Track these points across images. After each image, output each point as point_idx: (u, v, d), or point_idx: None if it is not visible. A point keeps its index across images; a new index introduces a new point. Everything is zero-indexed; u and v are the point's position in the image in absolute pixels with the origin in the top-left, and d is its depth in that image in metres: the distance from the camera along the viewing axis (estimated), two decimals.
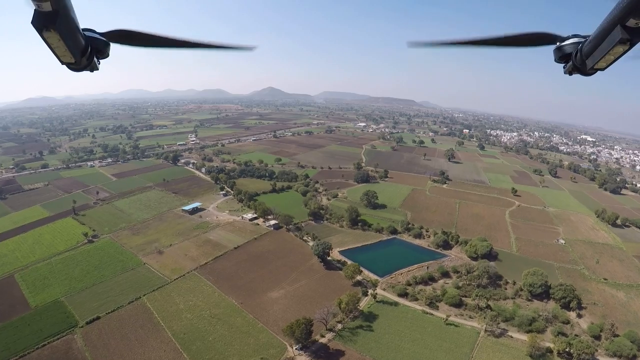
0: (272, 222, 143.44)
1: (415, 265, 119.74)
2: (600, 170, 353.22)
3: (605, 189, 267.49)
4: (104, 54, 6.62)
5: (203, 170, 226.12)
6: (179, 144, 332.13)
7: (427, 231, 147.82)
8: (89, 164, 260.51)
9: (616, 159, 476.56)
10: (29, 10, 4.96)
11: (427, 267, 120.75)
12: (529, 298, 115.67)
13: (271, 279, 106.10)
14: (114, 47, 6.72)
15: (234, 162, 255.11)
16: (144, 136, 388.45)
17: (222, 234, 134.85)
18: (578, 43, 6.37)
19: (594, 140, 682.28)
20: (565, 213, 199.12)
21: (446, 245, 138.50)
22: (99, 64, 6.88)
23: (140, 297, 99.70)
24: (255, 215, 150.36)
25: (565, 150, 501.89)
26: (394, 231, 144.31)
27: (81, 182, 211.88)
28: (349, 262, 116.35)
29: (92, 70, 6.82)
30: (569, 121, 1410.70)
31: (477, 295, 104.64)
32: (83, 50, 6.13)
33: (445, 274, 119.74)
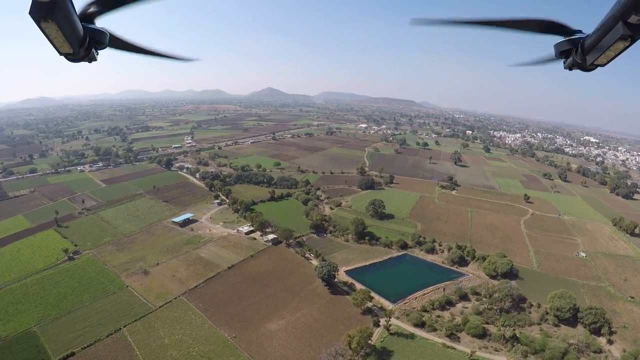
0: (271, 236, 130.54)
1: (431, 288, 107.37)
2: (608, 173, 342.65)
3: (617, 194, 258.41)
4: (102, 44, 6.43)
5: (197, 175, 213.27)
6: (174, 147, 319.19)
7: (440, 245, 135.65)
8: (78, 168, 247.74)
9: (622, 161, 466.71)
10: (27, 7, 4.91)
11: (444, 289, 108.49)
12: (556, 323, 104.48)
13: (269, 306, 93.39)
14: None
15: (230, 167, 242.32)
16: (139, 138, 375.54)
17: (214, 251, 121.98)
18: (579, 38, 6.22)
19: (597, 141, 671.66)
20: (582, 222, 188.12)
21: (462, 262, 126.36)
22: (97, 54, 6.65)
23: (120, 329, 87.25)
24: (251, 228, 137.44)
25: (570, 152, 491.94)
26: (404, 245, 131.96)
27: (68, 189, 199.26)
28: (357, 284, 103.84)
29: (90, 61, 6.64)
30: (569, 122, 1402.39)
31: (503, 325, 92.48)
32: (81, 40, 5.98)
33: (464, 297, 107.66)
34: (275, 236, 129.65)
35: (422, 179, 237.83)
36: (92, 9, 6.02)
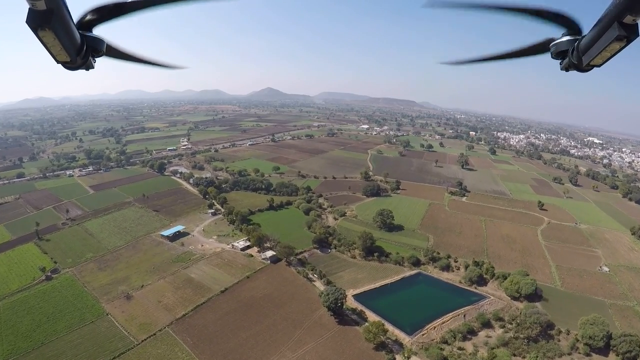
0: (269, 253, 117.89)
1: (450, 314, 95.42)
2: (617, 176, 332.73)
3: (630, 199, 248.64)
4: (99, 52, 6.47)
5: (191, 181, 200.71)
6: (169, 149, 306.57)
7: (455, 261, 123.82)
8: (67, 172, 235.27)
9: (628, 162, 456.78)
10: (26, 9, 4.93)
11: (464, 316, 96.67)
12: (588, 352, 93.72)
13: (267, 340, 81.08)
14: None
15: (226, 171, 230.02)
16: (134, 140, 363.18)
17: (206, 271, 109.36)
18: (575, 40, 6.28)
19: (601, 142, 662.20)
20: (599, 231, 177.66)
21: (480, 281, 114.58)
22: (95, 62, 6.70)
23: None
24: (248, 244, 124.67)
25: (576, 153, 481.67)
26: (417, 262, 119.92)
27: (54, 196, 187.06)
28: (367, 311, 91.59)
29: (87, 69, 6.67)
30: (569, 122, 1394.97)
31: None
32: (78, 48, 6.01)
33: (487, 324, 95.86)
34: (274, 253, 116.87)
35: (429, 184, 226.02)
36: (89, 17, 5.92)
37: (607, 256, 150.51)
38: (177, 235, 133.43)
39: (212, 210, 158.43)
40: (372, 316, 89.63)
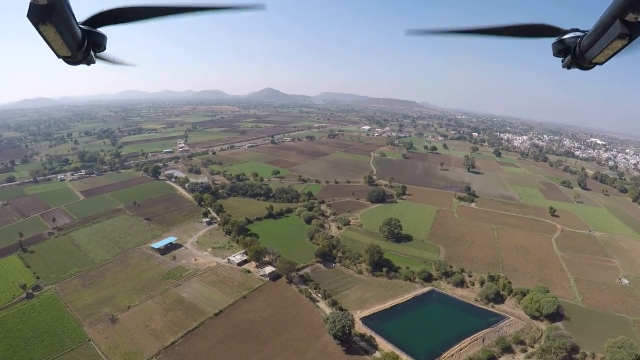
0: (268, 269, 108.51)
1: (468, 339, 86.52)
2: (624, 178, 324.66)
3: None
4: (100, 47, 6.44)
5: (187, 186, 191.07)
6: (165, 152, 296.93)
7: (470, 275, 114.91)
8: (59, 176, 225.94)
9: (634, 164, 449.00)
10: (26, 7, 4.91)
11: (483, 340, 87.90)
12: None
13: None
14: (113, 46, 6.42)
15: (224, 175, 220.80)
16: (130, 142, 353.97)
17: (199, 289, 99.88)
18: (577, 37, 6.22)
19: (604, 143, 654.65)
20: (614, 239, 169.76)
21: (497, 298, 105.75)
22: (96, 57, 6.64)
23: None
24: (245, 258, 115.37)
25: (580, 155, 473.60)
26: (429, 278, 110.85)
27: (44, 202, 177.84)
28: (377, 337, 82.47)
29: (88, 64, 6.64)
30: (570, 122, 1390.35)
31: None
32: (79, 43, 6.00)
33: (508, 349, 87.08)
34: (274, 269, 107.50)
35: (436, 189, 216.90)
36: (96, 18, 6.00)
37: (625, 267, 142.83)
38: (169, 248, 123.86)
39: (208, 219, 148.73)
40: (382, 343, 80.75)
